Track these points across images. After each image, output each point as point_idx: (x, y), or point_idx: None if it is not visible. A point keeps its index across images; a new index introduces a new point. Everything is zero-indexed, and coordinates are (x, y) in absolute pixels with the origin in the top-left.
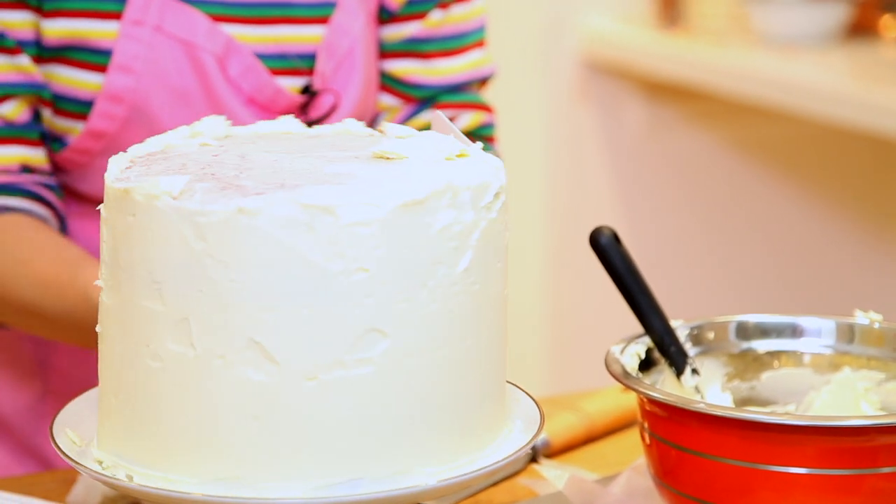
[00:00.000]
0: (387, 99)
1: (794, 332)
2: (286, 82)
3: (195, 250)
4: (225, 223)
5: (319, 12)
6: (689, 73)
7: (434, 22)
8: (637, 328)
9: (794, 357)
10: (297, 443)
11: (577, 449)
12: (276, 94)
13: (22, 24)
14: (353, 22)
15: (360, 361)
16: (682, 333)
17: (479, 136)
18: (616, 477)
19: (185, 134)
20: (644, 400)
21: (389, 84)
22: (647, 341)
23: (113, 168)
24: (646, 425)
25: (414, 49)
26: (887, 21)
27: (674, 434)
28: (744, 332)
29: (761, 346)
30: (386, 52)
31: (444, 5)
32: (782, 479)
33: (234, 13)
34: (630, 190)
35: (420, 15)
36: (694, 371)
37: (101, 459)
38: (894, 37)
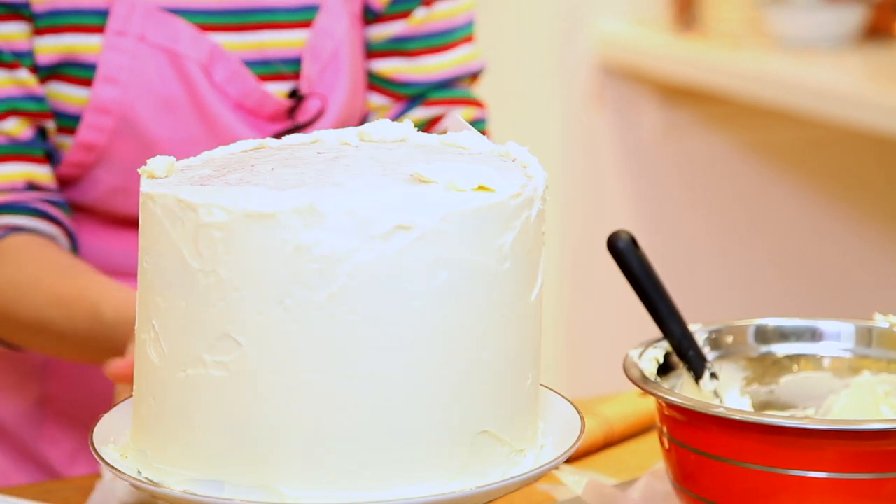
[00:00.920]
0: (376, 98)
1: (814, 335)
2: (273, 87)
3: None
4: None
5: (302, 16)
6: (704, 77)
7: (419, 20)
8: (655, 332)
9: (813, 361)
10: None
11: (596, 454)
12: (263, 99)
13: (18, 35)
14: (336, 24)
15: (217, 364)
16: (700, 337)
17: None
18: (635, 482)
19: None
20: (663, 404)
21: (378, 83)
22: (665, 345)
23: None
24: (665, 430)
25: (400, 48)
26: None
27: (693, 438)
28: (763, 335)
29: (780, 349)
30: (372, 51)
31: (428, 3)
32: (802, 483)
33: (218, 21)
34: (646, 194)
35: (404, 14)
36: (713, 375)
37: (140, 469)
38: None
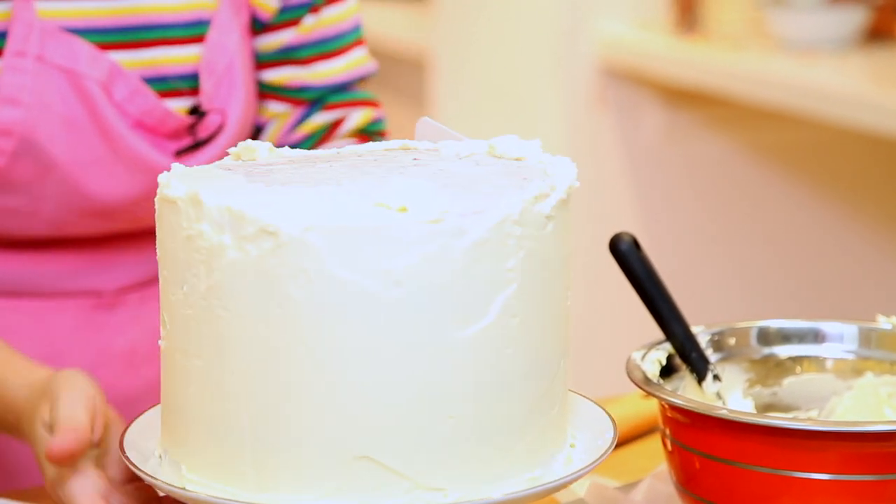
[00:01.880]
0: (275, 106)
1: (816, 337)
2: (173, 104)
3: None
4: None
5: (194, 31)
6: (706, 79)
7: (308, 27)
8: (658, 334)
9: (816, 362)
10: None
11: None
12: (164, 117)
13: None
14: (228, 38)
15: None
16: (703, 339)
17: (372, 133)
18: (637, 484)
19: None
20: (666, 406)
21: (273, 91)
22: (667, 347)
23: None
24: (667, 432)
25: (291, 56)
26: None
27: (696, 441)
28: (765, 337)
29: (783, 351)
30: (263, 62)
31: (315, 9)
32: (805, 485)
33: (114, 39)
34: (648, 196)
35: (293, 22)
36: (715, 377)
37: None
38: None
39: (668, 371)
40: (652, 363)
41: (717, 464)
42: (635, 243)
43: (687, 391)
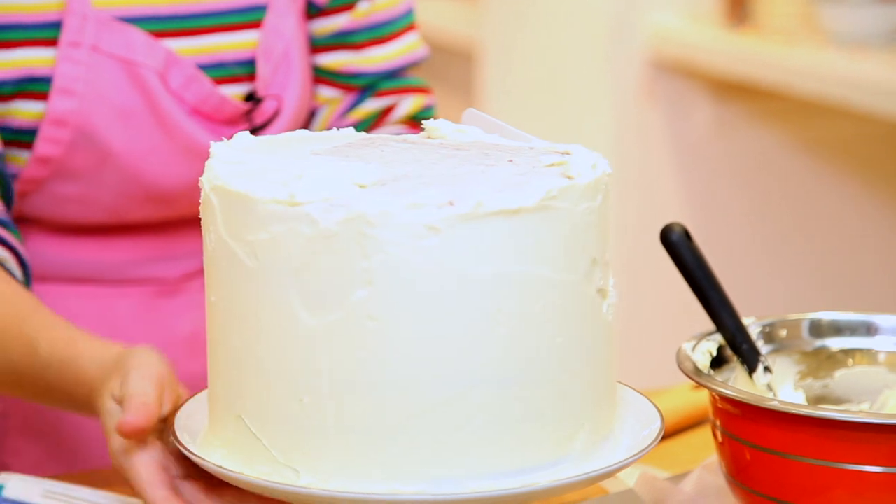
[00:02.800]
0: (326, 91)
1: (869, 329)
2: (228, 90)
3: None
4: None
5: (252, 17)
6: (757, 72)
7: (362, 12)
8: (708, 325)
9: (868, 355)
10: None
11: None
12: (220, 104)
13: None
14: (285, 23)
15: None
16: (754, 331)
17: (423, 119)
18: (687, 475)
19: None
20: (716, 398)
21: (326, 76)
22: (718, 338)
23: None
24: (718, 423)
25: (345, 41)
26: None
27: (747, 432)
28: (817, 329)
29: (835, 343)
30: (317, 46)
31: None
32: (857, 477)
33: (171, 27)
34: (698, 189)
35: (348, 7)
36: (766, 369)
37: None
38: None
39: (718, 362)
40: (703, 354)
41: (767, 455)
42: (686, 234)
43: (737, 382)
